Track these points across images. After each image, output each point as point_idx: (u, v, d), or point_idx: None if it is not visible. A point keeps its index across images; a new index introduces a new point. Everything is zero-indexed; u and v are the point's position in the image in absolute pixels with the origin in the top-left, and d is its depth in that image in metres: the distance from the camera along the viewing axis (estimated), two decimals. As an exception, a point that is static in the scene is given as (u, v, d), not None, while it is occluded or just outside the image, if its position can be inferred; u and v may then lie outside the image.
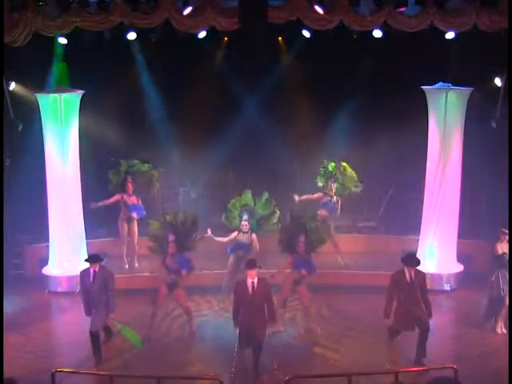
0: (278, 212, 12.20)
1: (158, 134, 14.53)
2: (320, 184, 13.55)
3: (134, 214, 13.16)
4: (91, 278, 9.87)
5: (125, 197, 13.14)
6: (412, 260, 9.97)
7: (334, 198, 13.33)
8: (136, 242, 13.32)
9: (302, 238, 10.76)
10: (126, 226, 13.25)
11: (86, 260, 10.24)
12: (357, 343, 10.48)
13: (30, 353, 10.17)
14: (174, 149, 14.50)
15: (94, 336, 9.72)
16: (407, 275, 9.82)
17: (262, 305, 9.41)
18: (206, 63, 14.49)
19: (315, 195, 13.41)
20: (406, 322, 9.87)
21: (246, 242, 11.85)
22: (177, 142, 14.44)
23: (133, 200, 13.20)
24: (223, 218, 12.23)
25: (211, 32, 12.58)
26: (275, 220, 12.18)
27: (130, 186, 13.12)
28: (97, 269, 9.89)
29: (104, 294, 9.81)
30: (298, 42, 13.88)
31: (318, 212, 12.79)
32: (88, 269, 9.98)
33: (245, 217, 11.94)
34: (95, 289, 9.81)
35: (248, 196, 12.19)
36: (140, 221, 13.25)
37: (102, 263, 10.09)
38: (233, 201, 12.23)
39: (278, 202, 12.40)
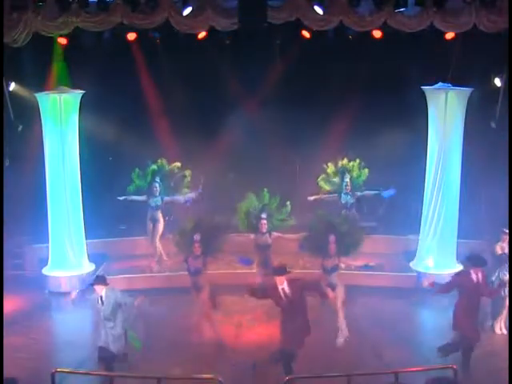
0: (288, 203, 11.94)
1: (158, 135, 14.52)
2: (327, 187, 13.48)
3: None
4: (100, 302, 9.18)
5: (150, 199, 13.24)
6: (479, 260, 9.39)
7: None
8: (157, 242, 13.34)
9: (332, 238, 9.97)
10: (151, 226, 13.35)
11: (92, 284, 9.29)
12: (357, 344, 10.46)
13: (30, 353, 10.19)
14: (174, 149, 14.48)
15: (103, 352, 9.18)
16: (473, 276, 9.31)
17: (300, 306, 8.80)
18: (206, 63, 14.47)
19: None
20: (469, 329, 9.34)
21: (264, 244, 11.54)
22: (176, 143, 14.42)
23: (157, 201, 13.31)
24: (240, 224, 11.88)
25: (212, 32, 12.57)
26: (286, 214, 11.92)
27: (157, 188, 13.19)
28: (102, 293, 9.11)
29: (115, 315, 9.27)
30: (298, 42, 13.87)
31: None
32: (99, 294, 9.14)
33: (263, 215, 11.54)
34: (107, 314, 9.19)
35: (252, 198, 11.87)
36: (166, 222, 13.41)
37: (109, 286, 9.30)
38: (240, 205, 11.93)
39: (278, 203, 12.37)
